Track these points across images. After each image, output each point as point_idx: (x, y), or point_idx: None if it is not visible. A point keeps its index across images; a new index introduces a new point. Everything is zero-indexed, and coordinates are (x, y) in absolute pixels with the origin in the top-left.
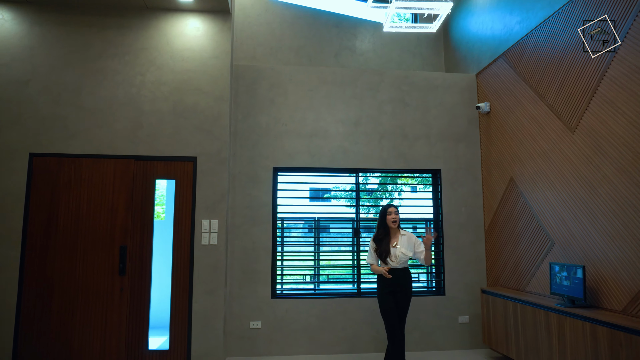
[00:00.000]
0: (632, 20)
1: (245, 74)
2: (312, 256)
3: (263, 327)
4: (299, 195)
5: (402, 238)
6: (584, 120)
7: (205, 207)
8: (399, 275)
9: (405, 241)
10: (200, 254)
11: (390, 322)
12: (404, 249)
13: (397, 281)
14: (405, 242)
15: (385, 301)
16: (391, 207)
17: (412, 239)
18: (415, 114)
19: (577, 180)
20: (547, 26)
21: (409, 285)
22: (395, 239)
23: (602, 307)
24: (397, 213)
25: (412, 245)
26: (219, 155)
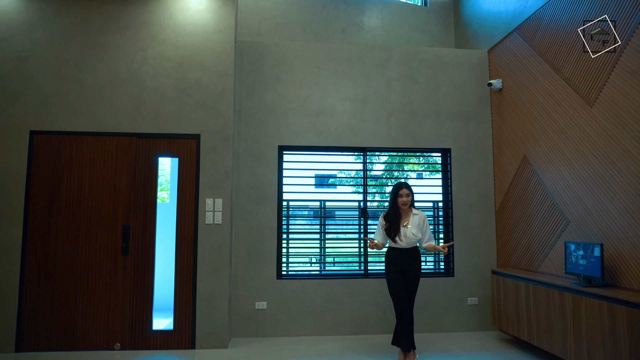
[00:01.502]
0: None
1: (250, 50)
2: (318, 237)
3: (268, 308)
4: (305, 175)
5: (414, 218)
6: (603, 92)
7: (209, 186)
8: (407, 255)
9: (417, 221)
10: (204, 233)
11: (399, 302)
12: (414, 229)
13: (405, 261)
14: (417, 222)
15: (393, 281)
16: (403, 188)
17: (423, 219)
18: (425, 91)
19: (595, 155)
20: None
21: (418, 265)
22: (406, 218)
23: (620, 286)
24: (408, 195)
25: (422, 226)
26: (222, 133)
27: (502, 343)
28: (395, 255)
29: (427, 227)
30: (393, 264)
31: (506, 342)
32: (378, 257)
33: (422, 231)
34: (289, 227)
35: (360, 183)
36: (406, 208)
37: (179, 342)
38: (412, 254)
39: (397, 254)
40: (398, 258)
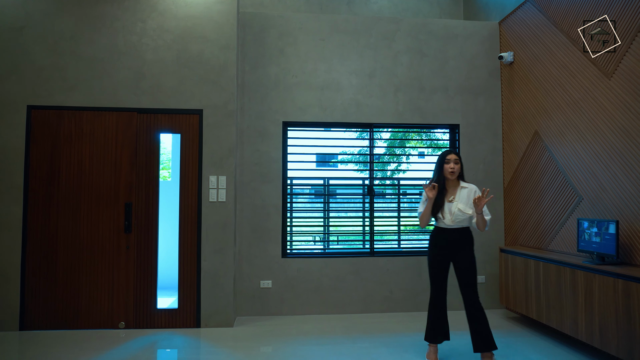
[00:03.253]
0: None
1: (253, 21)
2: (322, 215)
3: (274, 287)
4: (309, 152)
5: (462, 192)
6: (623, 63)
7: (212, 163)
8: (455, 238)
9: (465, 195)
10: (208, 211)
11: (435, 290)
12: (462, 204)
13: (452, 245)
14: (465, 197)
15: (434, 268)
16: (450, 153)
17: (474, 192)
18: (433, 65)
19: (612, 130)
20: None
21: (469, 251)
22: (453, 191)
23: (635, 264)
24: (457, 162)
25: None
26: (225, 108)
27: (510, 321)
28: (440, 236)
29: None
30: (436, 246)
31: (513, 320)
32: (384, 235)
33: (472, 207)
34: (293, 205)
35: (366, 160)
36: (453, 179)
37: (183, 320)
38: (460, 235)
39: (441, 235)
40: (442, 240)
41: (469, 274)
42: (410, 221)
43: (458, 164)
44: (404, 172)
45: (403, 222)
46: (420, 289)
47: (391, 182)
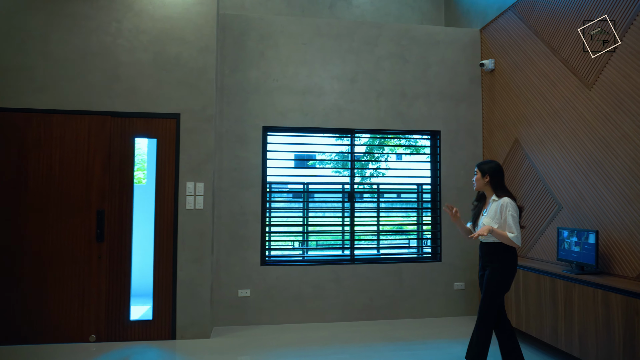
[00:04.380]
0: None
1: (233, 23)
2: (302, 222)
3: (252, 296)
4: (290, 158)
5: (492, 205)
6: (603, 75)
7: (189, 169)
8: (485, 252)
9: (493, 209)
10: (184, 218)
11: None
12: (488, 218)
13: (484, 258)
14: (493, 211)
15: (479, 280)
16: (476, 166)
17: (502, 207)
18: (415, 71)
19: (592, 140)
20: None
21: (496, 266)
22: (487, 204)
23: (613, 273)
24: (475, 173)
25: (500, 216)
26: (204, 112)
27: None
28: (479, 248)
29: (507, 219)
30: (479, 258)
31: None
32: (365, 241)
33: (500, 223)
34: (273, 212)
35: (347, 166)
36: (477, 190)
37: (158, 332)
38: (489, 250)
39: (479, 247)
40: (480, 251)
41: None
42: (391, 222)
43: (476, 175)
44: (382, 176)
45: (382, 228)
46: (400, 296)
47: (370, 187)
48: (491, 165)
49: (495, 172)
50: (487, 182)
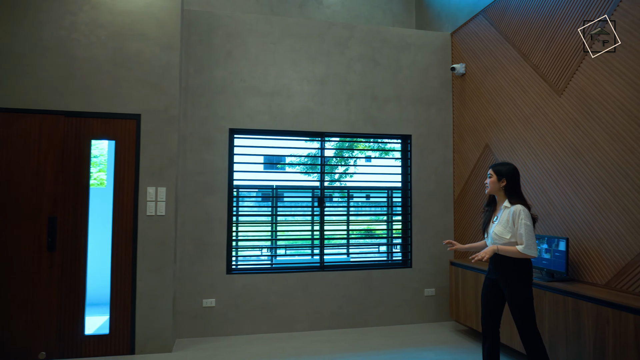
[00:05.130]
0: None
1: (199, 20)
2: (270, 228)
3: (217, 305)
4: (258, 162)
5: (503, 212)
6: (573, 81)
7: (150, 173)
8: (495, 262)
9: (505, 217)
10: (145, 226)
11: (483, 314)
12: (500, 227)
13: (495, 268)
14: (504, 219)
15: (482, 288)
16: (490, 167)
17: (514, 215)
18: (386, 73)
19: (562, 146)
20: None
21: (509, 277)
22: (498, 210)
23: (583, 280)
24: (489, 176)
25: (512, 225)
26: (167, 113)
27: (459, 335)
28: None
29: (519, 228)
30: (488, 269)
31: (463, 333)
32: (335, 247)
33: (512, 232)
34: (240, 217)
35: (316, 170)
36: (489, 193)
37: (116, 347)
38: (502, 260)
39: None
40: (490, 262)
41: (513, 309)
42: (361, 228)
43: (491, 178)
44: (352, 179)
45: (352, 234)
46: (370, 304)
47: (340, 192)
48: (509, 168)
49: (513, 176)
50: (503, 186)
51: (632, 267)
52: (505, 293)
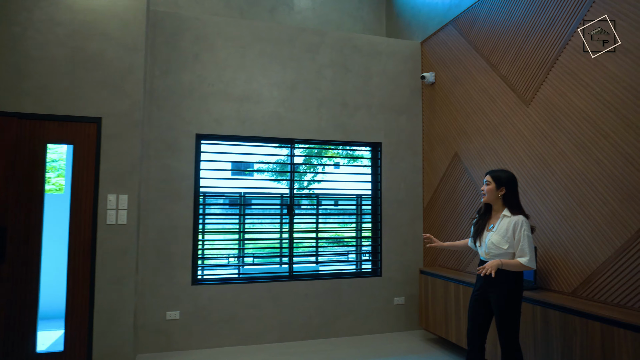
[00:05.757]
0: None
1: (165, 21)
2: (238, 237)
3: (182, 318)
4: (225, 168)
5: (502, 221)
6: (540, 92)
7: (112, 179)
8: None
9: (504, 227)
10: (105, 235)
11: (469, 328)
12: (497, 236)
13: (485, 280)
14: (503, 229)
15: (470, 301)
16: (487, 174)
17: (516, 225)
18: (357, 81)
19: (529, 156)
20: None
21: (503, 290)
22: (495, 219)
23: (550, 289)
24: (487, 183)
25: (512, 235)
26: (130, 117)
27: (428, 343)
28: (480, 265)
29: (522, 240)
30: (476, 281)
31: (432, 342)
32: (305, 256)
33: (510, 242)
34: (206, 226)
35: (286, 178)
36: (486, 202)
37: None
38: (497, 271)
39: (480, 265)
40: (479, 274)
41: (499, 319)
42: (330, 236)
43: (489, 185)
44: (319, 183)
45: (322, 242)
46: (340, 314)
47: (309, 200)
48: (508, 176)
49: (512, 184)
50: (502, 194)
51: (597, 276)
52: (495, 305)
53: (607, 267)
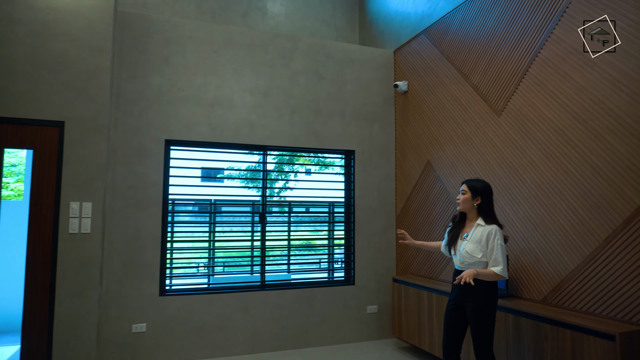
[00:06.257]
0: (569, 0)
1: (134, 23)
2: (208, 246)
3: (148, 331)
4: (196, 175)
5: (476, 230)
6: (511, 102)
7: (74, 186)
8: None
9: (478, 236)
10: (67, 245)
11: (445, 337)
12: (471, 245)
13: (460, 289)
14: (477, 237)
15: (446, 311)
16: (463, 183)
17: (490, 235)
18: (330, 88)
19: (500, 165)
20: (476, 2)
21: (478, 299)
22: (468, 228)
23: (521, 297)
24: (463, 192)
25: (485, 244)
26: (95, 122)
27: (401, 352)
28: (454, 276)
29: (495, 249)
30: (452, 290)
31: (405, 350)
32: (278, 265)
33: (484, 251)
34: (175, 234)
35: (258, 185)
36: (462, 210)
37: None
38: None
39: (454, 276)
40: (454, 283)
41: (474, 328)
42: (304, 244)
43: (465, 195)
44: (291, 190)
45: (294, 251)
46: (312, 323)
47: (281, 208)
48: (484, 186)
49: (488, 194)
50: (477, 204)
51: (566, 283)
52: (471, 314)
53: (576, 275)
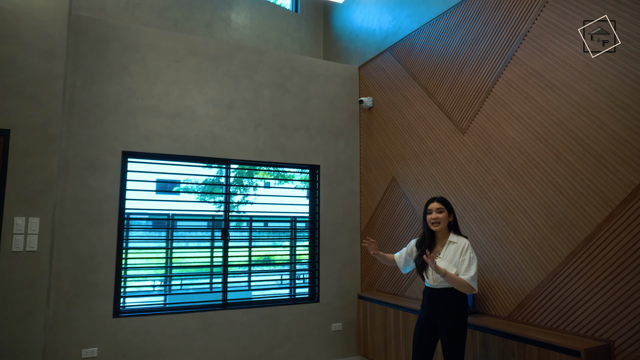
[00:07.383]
0: (531, 23)
1: (90, 28)
2: (165, 263)
3: (101, 355)
4: (155, 189)
5: (449, 247)
6: (475, 121)
7: (20, 200)
8: (436, 299)
9: (452, 252)
10: (9, 264)
11: (415, 355)
12: (445, 262)
13: (435, 308)
14: (451, 254)
15: (416, 328)
16: (434, 202)
17: (463, 248)
18: (296, 102)
19: (465, 182)
20: (440, 22)
21: (454, 317)
22: (440, 246)
23: (487, 313)
24: (440, 211)
25: (458, 258)
26: (45, 130)
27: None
28: (426, 296)
29: (469, 261)
30: (422, 308)
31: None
32: (238, 282)
33: (457, 267)
34: (131, 252)
35: (220, 200)
36: (439, 230)
37: None
38: (443, 297)
39: (427, 295)
40: (428, 301)
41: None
42: (266, 261)
43: (442, 213)
44: (252, 204)
45: (257, 268)
46: (276, 343)
47: (245, 224)
48: (449, 202)
49: (453, 209)
50: (450, 221)
51: (531, 300)
52: (443, 331)
53: (540, 291)
